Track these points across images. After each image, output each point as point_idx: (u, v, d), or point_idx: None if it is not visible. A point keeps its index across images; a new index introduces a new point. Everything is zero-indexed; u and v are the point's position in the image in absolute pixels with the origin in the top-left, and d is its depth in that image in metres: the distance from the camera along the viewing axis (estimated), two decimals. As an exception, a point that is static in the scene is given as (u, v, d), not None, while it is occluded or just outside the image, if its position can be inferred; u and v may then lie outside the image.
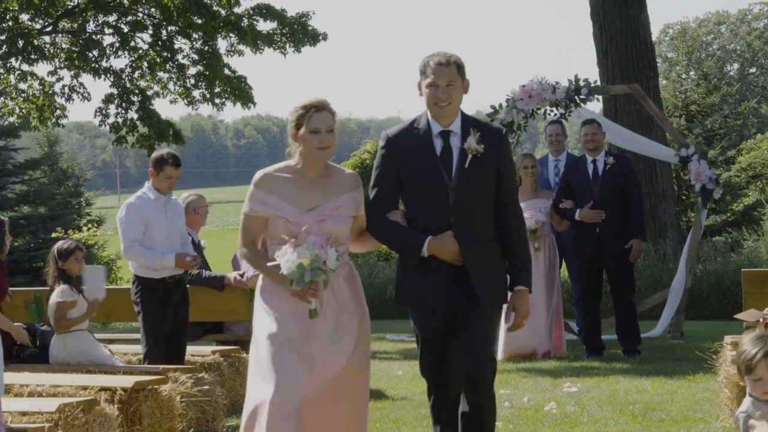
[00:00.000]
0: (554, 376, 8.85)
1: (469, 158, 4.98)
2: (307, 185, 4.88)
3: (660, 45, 57.22)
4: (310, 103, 4.84)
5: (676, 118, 21.81)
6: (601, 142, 10.12)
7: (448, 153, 5.03)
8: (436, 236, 4.98)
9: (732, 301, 14.15)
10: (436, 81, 4.99)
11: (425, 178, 5.00)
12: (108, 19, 20.82)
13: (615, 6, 16.19)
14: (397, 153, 5.06)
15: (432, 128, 5.05)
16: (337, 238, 4.85)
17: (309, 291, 4.67)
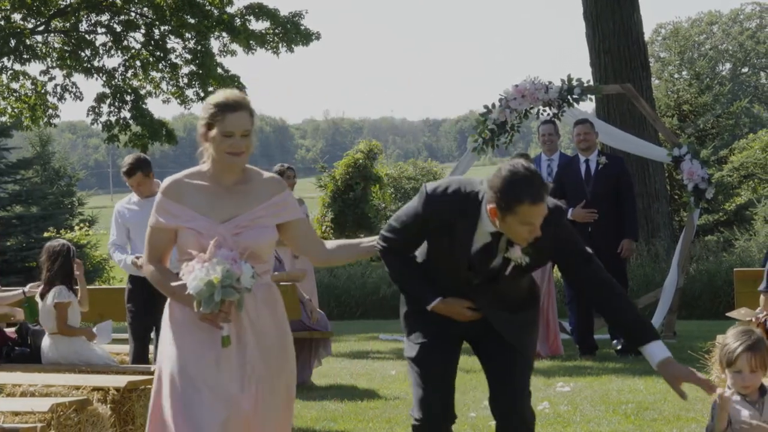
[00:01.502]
0: (547, 376, 8.86)
1: (510, 266, 4.34)
2: (222, 193, 4.25)
3: (652, 45, 57.30)
4: (225, 100, 4.19)
5: (669, 117, 21.86)
6: (593, 142, 10.12)
7: (488, 251, 4.33)
8: (447, 300, 4.46)
9: (724, 300, 14.19)
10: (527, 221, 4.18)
11: (446, 260, 4.42)
12: (100, 18, 20.81)
13: (608, 6, 16.22)
14: (433, 223, 4.38)
15: (480, 222, 4.28)
16: (256, 254, 4.20)
17: (220, 314, 4.04)
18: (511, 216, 4.08)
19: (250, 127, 4.19)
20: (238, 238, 4.17)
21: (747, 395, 4.26)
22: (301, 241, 4.45)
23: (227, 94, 4.21)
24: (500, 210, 4.09)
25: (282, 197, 4.30)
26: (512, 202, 4.05)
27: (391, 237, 4.49)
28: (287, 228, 4.34)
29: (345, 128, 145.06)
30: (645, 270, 15.18)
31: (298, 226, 4.40)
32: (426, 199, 4.35)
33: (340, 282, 17.75)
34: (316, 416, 7.32)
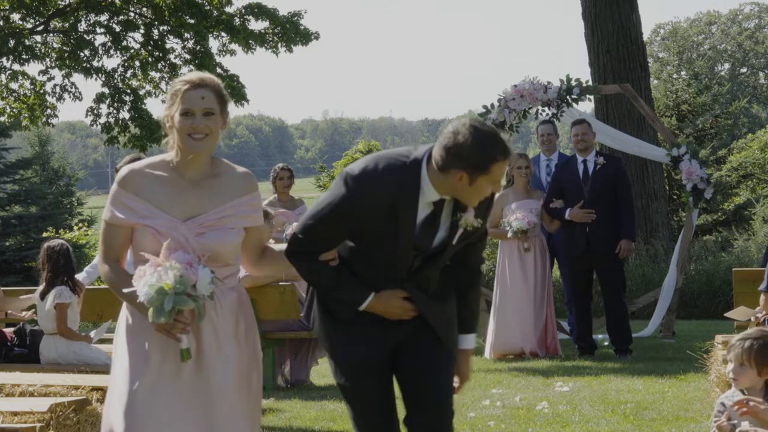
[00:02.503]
0: (546, 376, 8.86)
1: (459, 233, 3.95)
2: (186, 187, 3.82)
3: (651, 45, 57.35)
4: (187, 78, 3.81)
5: (668, 117, 21.87)
6: (591, 143, 10.10)
7: (431, 222, 3.93)
8: (381, 294, 3.96)
9: (723, 300, 14.20)
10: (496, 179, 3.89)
11: (386, 246, 3.92)
12: (99, 18, 20.81)
13: (607, 6, 16.23)
14: (366, 210, 3.86)
15: (423, 193, 3.87)
16: (220, 257, 3.80)
17: (177, 325, 3.63)
18: (483, 176, 3.78)
19: (215, 106, 3.78)
20: (201, 238, 3.77)
21: (751, 393, 4.28)
22: (251, 250, 4.00)
23: (192, 74, 3.85)
24: (473, 173, 3.77)
25: (254, 197, 3.92)
26: (487, 162, 3.78)
27: (308, 238, 3.94)
28: (249, 233, 3.92)
29: (344, 128, 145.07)
30: (644, 270, 15.19)
31: (260, 233, 4.01)
32: (356, 183, 3.84)
33: (339, 282, 17.73)
34: (315, 416, 7.32)
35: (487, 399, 7.79)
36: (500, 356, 10.06)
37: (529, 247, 10.06)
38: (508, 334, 10.11)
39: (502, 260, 10.27)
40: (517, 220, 9.98)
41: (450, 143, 3.79)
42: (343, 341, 4.06)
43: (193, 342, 3.76)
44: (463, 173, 3.77)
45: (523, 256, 10.09)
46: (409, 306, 3.98)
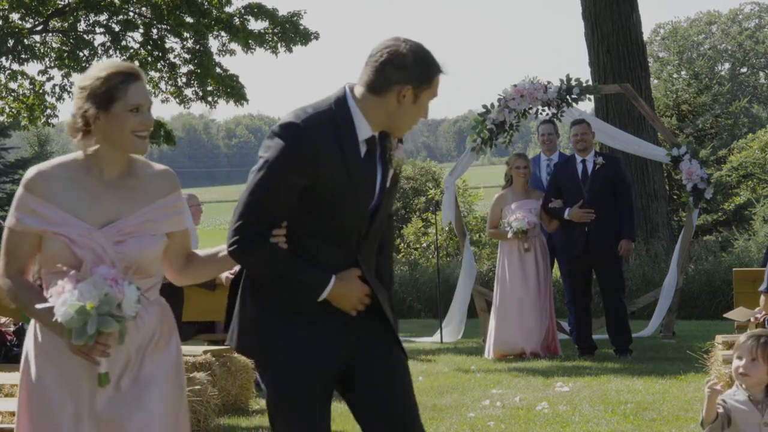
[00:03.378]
0: (546, 376, 8.85)
1: (390, 173, 3.54)
2: (101, 189, 3.40)
3: (651, 45, 57.35)
4: (125, 69, 3.38)
5: (668, 117, 21.87)
6: (591, 143, 10.09)
7: (372, 165, 3.50)
8: (341, 276, 3.46)
9: (723, 300, 14.19)
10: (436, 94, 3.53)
11: (342, 200, 3.42)
12: (99, 18, 20.78)
13: (607, 6, 16.21)
14: (312, 155, 3.37)
15: (358, 131, 3.45)
16: (142, 268, 3.41)
17: (97, 347, 3.24)
18: (426, 91, 3.44)
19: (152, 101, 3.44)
20: (120, 247, 3.36)
21: (751, 393, 4.27)
22: (175, 257, 3.59)
23: (118, 63, 3.43)
24: (419, 86, 3.42)
25: (176, 197, 3.52)
26: (432, 72, 3.45)
27: (253, 218, 3.40)
28: (171, 239, 3.51)
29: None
30: (644, 270, 15.18)
31: (184, 238, 3.60)
32: (294, 130, 3.38)
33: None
34: (315, 416, 7.30)
35: (487, 399, 7.78)
36: (501, 356, 10.07)
37: (529, 248, 10.06)
38: (508, 334, 10.12)
39: (502, 261, 10.26)
40: (516, 220, 9.97)
41: (388, 58, 3.40)
42: (299, 344, 3.47)
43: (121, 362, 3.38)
44: (408, 88, 3.41)
45: (524, 256, 10.08)
46: (367, 289, 3.50)
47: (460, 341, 11.67)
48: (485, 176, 45.24)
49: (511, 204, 10.11)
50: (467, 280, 11.52)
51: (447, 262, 18.59)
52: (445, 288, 13.88)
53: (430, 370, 9.57)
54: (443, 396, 8.03)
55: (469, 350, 10.82)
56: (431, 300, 16.37)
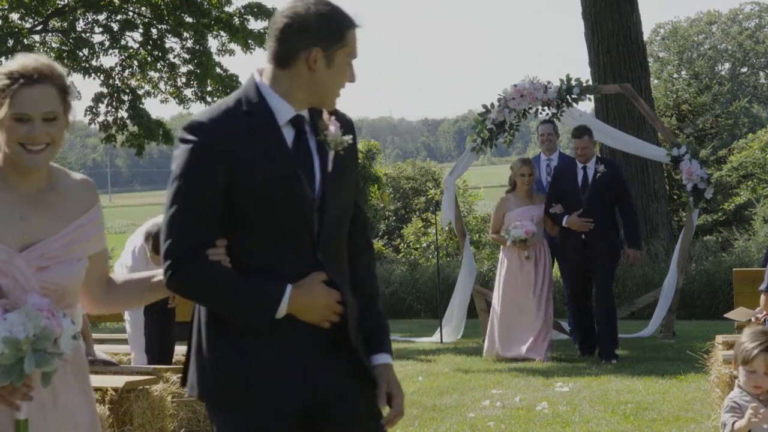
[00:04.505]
0: (546, 376, 8.85)
1: (330, 156, 3.00)
2: (19, 205, 2.90)
3: (651, 45, 57.34)
4: (20, 68, 2.88)
5: (668, 117, 21.86)
6: (592, 154, 10.01)
7: (305, 152, 2.98)
8: (301, 284, 2.92)
9: (723, 300, 14.18)
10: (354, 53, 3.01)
11: (274, 194, 2.90)
12: (98, 18, 20.79)
13: (607, 6, 16.21)
14: (224, 153, 2.88)
15: (276, 113, 2.96)
16: (65, 296, 2.93)
17: (21, 390, 2.76)
18: (341, 50, 2.95)
19: (57, 108, 2.87)
20: (43, 274, 2.87)
21: (759, 395, 4.26)
22: (95, 283, 3.09)
23: (26, 61, 2.92)
24: (329, 46, 2.93)
25: (98, 211, 3.04)
26: (342, 27, 2.96)
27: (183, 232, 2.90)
28: (91, 263, 3.02)
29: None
30: (644, 270, 15.17)
31: (104, 260, 3.11)
32: (203, 126, 2.92)
33: (339, 282, 17.71)
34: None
35: (487, 399, 7.78)
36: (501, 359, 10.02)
37: (528, 256, 9.94)
38: (508, 342, 9.99)
39: (503, 266, 10.14)
40: (515, 228, 9.86)
41: (288, 23, 2.95)
42: (256, 379, 2.92)
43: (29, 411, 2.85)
44: (317, 51, 2.92)
45: (524, 263, 9.98)
46: (336, 294, 2.95)
47: (460, 341, 11.66)
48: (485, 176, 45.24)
49: (513, 210, 10.01)
50: (467, 280, 11.50)
51: (447, 262, 18.58)
52: (445, 288, 13.87)
53: (430, 370, 9.57)
54: (443, 396, 8.03)
55: (469, 350, 10.81)
56: (431, 300, 16.36)
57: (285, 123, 2.97)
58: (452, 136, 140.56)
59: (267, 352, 2.93)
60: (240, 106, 2.97)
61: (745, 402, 4.24)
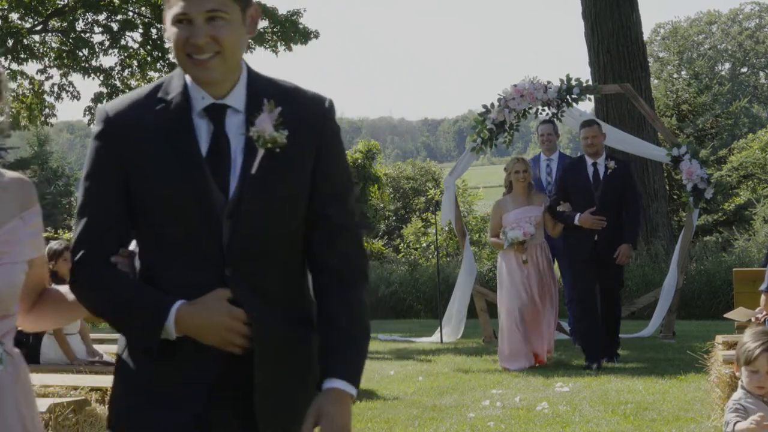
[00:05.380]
0: (546, 376, 8.85)
1: (260, 155, 2.51)
2: None
3: (651, 45, 57.36)
4: None
5: (668, 117, 21.88)
6: (601, 146, 9.60)
7: (221, 147, 2.53)
8: (195, 301, 2.48)
9: (723, 300, 14.19)
10: (188, 10, 2.49)
11: (175, 195, 2.49)
12: (98, 17, 20.79)
13: (607, 6, 16.22)
14: (122, 146, 2.51)
15: (192, 101, 2.55)
16: (2, 303, 2.56)
17: None
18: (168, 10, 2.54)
19: None
20: None
21: (763, 396, 4.26)
22: (30, 290, 2.69)
23: None
24: (166, 6, 2.56)
25: (36, 212, 2.67)
26: None
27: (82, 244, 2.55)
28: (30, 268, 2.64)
29: (343, 128, 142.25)
30: (644, 270, 15.18)
31: (42, 267, 2.73)
32: (110, 109, 2.56)
33: (339, 282, 17.73)
34: (315, 416, 7.30)
35: (487, 399, 7.78)
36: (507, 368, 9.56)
37: (527, 260, 9.51)
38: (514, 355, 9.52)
39: (502, 270, 9.71)
40: (512, 230, 9.46)
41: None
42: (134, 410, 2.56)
43: None
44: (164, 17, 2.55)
45: (523, 268, 9.57)
46: (240, 314, 2.48)
47: (460, 341, 11.66)
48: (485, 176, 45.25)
49: (510, 212, 9.58)
50: (467, 280, 11.50)
51: (447, 262, 18.59)
52: (445, 288, 13.87)
53: (430, 370, 9.57)
54: (443, 396, 8.03)
55: (469, 350, 10.81)
56: (431, 300, 16.37)
57: (199, 113, 2.54)
58: (452, 136, 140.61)
59: (162, 378, 2.52)
60: (157, 92, 2.57)
61: (749, 404, 4.23)
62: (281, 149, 2.51)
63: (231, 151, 2.54)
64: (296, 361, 2.57)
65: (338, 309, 2.56)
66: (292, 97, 2.59)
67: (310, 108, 2.60)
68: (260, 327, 2.49)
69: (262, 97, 2.55)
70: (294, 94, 2.61)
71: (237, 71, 2.56)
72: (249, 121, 2.53)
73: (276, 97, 2.56)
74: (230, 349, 2.49)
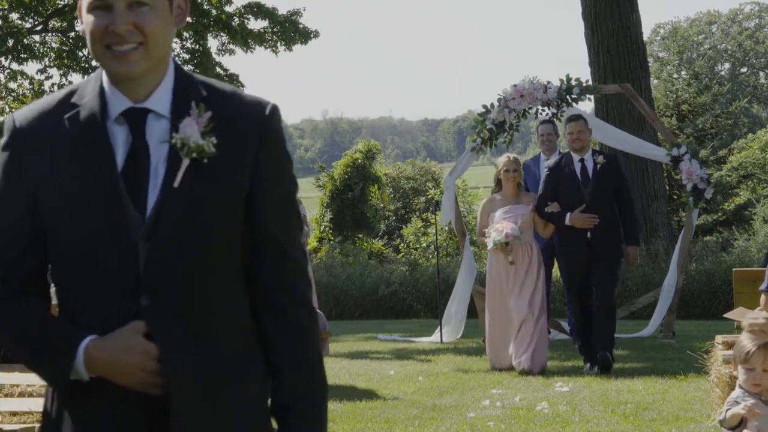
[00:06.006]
0: (546, 376, 8.85)
1: (183, 166, 2.17)
2: None
3: (651, 45, 57.35)
4: None
5: (668, 117, 21.88)
6: (587, 141, 9.33)
7: (140, 158, 2.18)
8: (107, 336, 2.15)
9: (723, 300, 14.20)
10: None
11: (85, 215, 2.17)
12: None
13: (607, 6, 16.24)
14: (29, 160, 2.21)
15: (109, 105, 2.21)
16: None
17: None
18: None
19: None
20: None
21: (761, 394, 4.27)
22: None
23: None
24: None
25: None
26: None
27: None
28: None
29: (343, 128, 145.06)
30: (644, 270, 15.18)
31: None
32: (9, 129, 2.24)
33: (339, 282, 17.76)
34: (315, 416, 7.29)
35: (487, 399, 7.78)
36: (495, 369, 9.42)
37: (513, 261, 9.20)
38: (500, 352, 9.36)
39: (490, 269, 9.49)
40: (496, 231, 9.17)
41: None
42: None
43: None
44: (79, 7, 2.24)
45: (510, 268, 9.24)
46: (152, 350, 2.12)
47: (460, 341, 11.67)
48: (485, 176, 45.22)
49: (497, 211, 9.32)
50: (467, 280, 11.50)
51: (447, 262, 18.60)
52: (445, 288, 13.88)
53: (430, 370, 9.57)
54: (443, 396, 8.03)
55: (469, 350, 10.81)
56: (431, 300, 16.37)
57: (117, 119, 2.19)
58: (452, 136, 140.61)
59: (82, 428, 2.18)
60: (71, 97, 2.25)
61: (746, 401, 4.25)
62: (209, 159, 2.16)
63: (151, 163, 2.18)
64: (226, 405, 2.18)
65: (284, 355, 2.23)
66: (226, 101, 2.24)
67: (248, 114, 2.24)
68: (177, 365, 2.13)
69: (191, 100, 2.20)
70: (230, 98, 2.25)
71: (162, 69, 2.21)
72: (174, 127, 2.18)
73: (208, 100, 2.21)
74: (150, 391, 2.14)
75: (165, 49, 2.20)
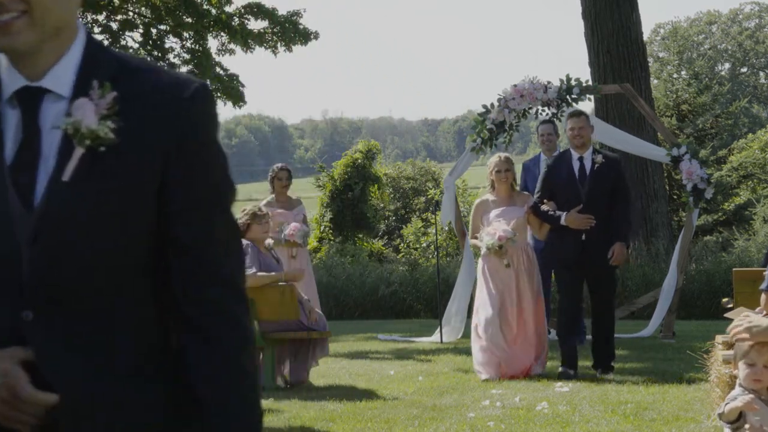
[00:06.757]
0: (546, 376, 8.85)
1: (76, 156, 1.81)
2: None
3: (651, 45, 57.36)
4: None
5: (668, 117, 21.89)
6: (588, 138, 9.01)
7: (31, 146, 1.83)
8: None
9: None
10: None
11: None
12: (98, 17, 20.80)
13: (607, 6, 16.24)
14: None
15: (3, 84, 1.87)
16: None
17: None
18: None
19: None
20: None
21: (759, 392, 4.27)
22: None
23: None
24: None
25: None
26: None
27: None
28: None
29: (343, 128, 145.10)
30: (644, 270, 15.19)
31: None
32: None
33: (339, 282, 17.77)
34: (315, 416, 7.30)
35: (487, 399, 7.77)
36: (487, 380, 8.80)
37: (509, 264, 8.89)
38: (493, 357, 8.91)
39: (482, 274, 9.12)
40: (488, 235, 8.86)
41: None
42: None
43: None
44: None
45: (504, 272, 8.92)
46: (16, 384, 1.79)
47: (460, 341, 11.66)
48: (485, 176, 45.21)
49: (491, 212, 9.03)
50: (467, 280, 11.50)
51: (447, 262, 18.60)
52: (445, 288, 13.88)
53: (430, 370, 9.57)
54: (443, 396, 8.03)
55: (469, 350, 10.79)
56: (431, 300, 16.38)
57: (9, 100, 1.85)
58: (452, 136, 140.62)
59: None
60: None
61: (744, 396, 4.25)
62: (109, 148, 1.80)
63: (41, 152, 1.82)
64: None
65: (218, 391, 1.86)
66: (140, 80, 1.86)
67: (163, 95, 1.85)
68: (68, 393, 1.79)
69: (91, 76, 1.84)
70: (145, 76, 1.87)
71: (65, 42, 1.85)
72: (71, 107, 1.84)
73: (117, 78, 1.84)
74: (16, 427, 1.80)
75: (61, 17, 1.82)
